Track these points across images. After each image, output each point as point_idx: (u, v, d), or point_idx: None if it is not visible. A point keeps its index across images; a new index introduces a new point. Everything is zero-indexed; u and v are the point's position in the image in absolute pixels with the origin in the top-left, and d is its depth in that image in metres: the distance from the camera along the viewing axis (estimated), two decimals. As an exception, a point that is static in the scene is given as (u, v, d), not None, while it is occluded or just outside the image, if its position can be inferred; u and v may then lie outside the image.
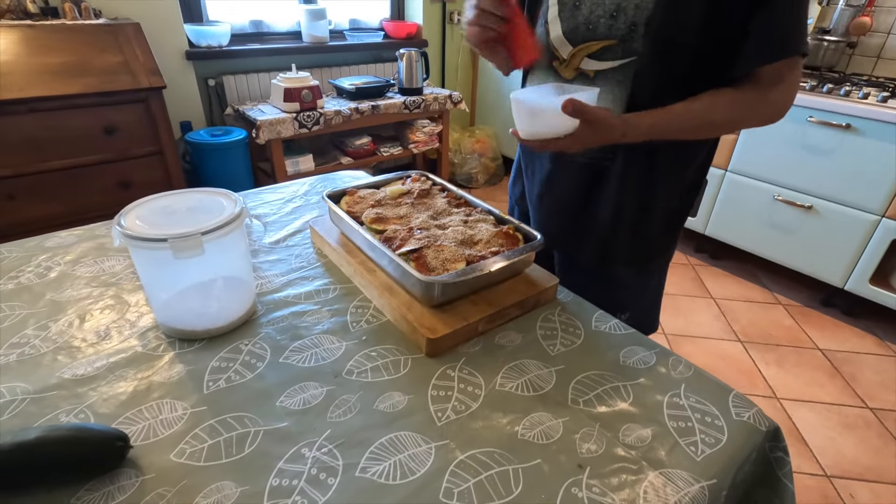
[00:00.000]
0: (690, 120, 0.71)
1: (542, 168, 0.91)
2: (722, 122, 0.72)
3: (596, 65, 0.77)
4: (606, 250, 0.90)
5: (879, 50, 2.25)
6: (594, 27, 0.74)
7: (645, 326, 0.93)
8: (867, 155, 1.87)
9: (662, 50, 0.71)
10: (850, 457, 1.49)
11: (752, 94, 0.70)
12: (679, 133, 0.73)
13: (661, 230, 0.90)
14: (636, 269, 0.93)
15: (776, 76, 0.69)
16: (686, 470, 0.52)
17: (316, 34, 2.56)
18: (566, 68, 0.80)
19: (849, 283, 2.04)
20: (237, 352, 0.65)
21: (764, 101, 0.70)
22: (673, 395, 0.61)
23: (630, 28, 0.71)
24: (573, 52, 0.78)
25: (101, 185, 1.79)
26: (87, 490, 0.47)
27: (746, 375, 1.80)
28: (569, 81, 0.81)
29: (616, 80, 0.76)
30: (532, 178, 0.96)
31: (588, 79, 0.79)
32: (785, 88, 0.70)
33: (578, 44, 0.77)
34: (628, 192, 0.84)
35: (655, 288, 0.99)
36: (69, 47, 1.71)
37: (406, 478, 0.50)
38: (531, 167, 0.96)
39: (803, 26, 0.67)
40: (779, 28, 0.66)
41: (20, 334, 0.67)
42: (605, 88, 0.77)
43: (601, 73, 0.77)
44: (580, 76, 0.79)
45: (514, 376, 0.63)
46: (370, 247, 0.76)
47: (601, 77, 0.77)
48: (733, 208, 2.31)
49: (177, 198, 0.68)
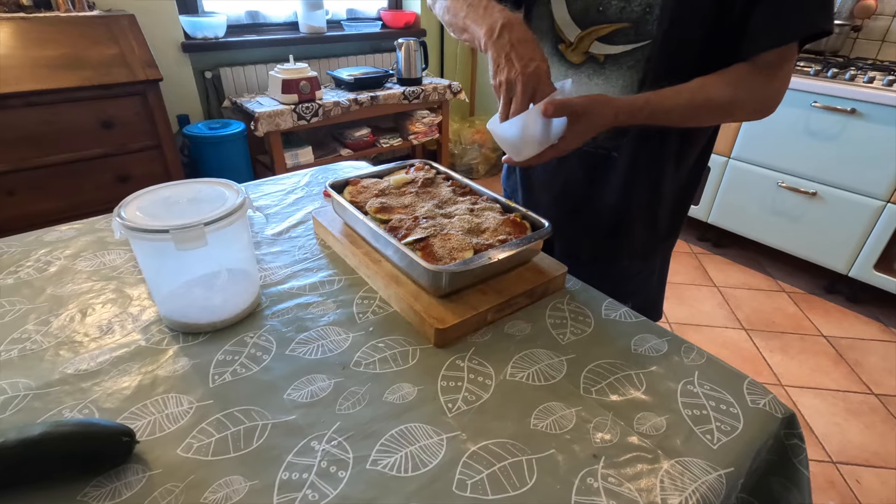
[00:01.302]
0: (687, 97, 0.67)
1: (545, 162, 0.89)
2: (720, 101, 0.67)
3: (607, 49, 0.74)
4: (613, 240, 0.89)
5: (884, 33, 2.22)
6: (605, 9, 0.72)
7: (649, 315, 0.90)
8: (872, 140, 1.85)
9: (677, 33, 0.69)
10: (855, 442, 1.49)
11: (755, 76, 0.67)
12: (676, 112, 0.68)
13: (666, 217, 0.88)
14: (642, 258, 0.92)
15: (780, 60, 0.66)
16: (702, 458, 0.51)
17: (313, 24, 2.53)
18: (574, 52, 0.78)
19: (853, 270, 2.03)
20: (242, 345, 0.64)
21: (764, 86, 0.68)
22: (686, 383, 0.60)
23: (645, 10, 0.69)
24: (581, 35, 0.76)
25: (99, 180, 1.77)
26: (93, 486, 0.46)
27: (751, 363, 1.79)
28: (577, 66, 0.78)
29: (628, 64, 0.74)
30: (530, 171, 0.93)
31: (598, 63, 0.76)
32: (784, 76, 0.68)
33: (587, 27, 0.75)
34: (637, 180, 0.82)
35: (659, 276, 0.98)
36: (63, 40, 1.68)
37: (418, 470, 0.49)
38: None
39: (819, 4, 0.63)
40: (786, 11, 0.63)
41: (21, 330, 0.66)
42: (616, 74, 0.75)
43: (612, 58, 0.74)
44: (590, 60, 0.77)
45: (525, 366, 0.62)
46: (375, 237, 0.75)
47: (612, 61, 0.75)
48: (736, 196, 2.30)
49: (178, 188, 0.67)
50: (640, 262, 0.92)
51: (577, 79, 0.79)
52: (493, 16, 0.66)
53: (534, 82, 0.62)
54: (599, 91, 0.77)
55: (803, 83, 1.94)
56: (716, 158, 2.31)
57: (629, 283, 0.92)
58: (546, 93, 0.63)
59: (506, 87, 0.64)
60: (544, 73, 0.63)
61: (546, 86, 0.63)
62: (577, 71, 0.79)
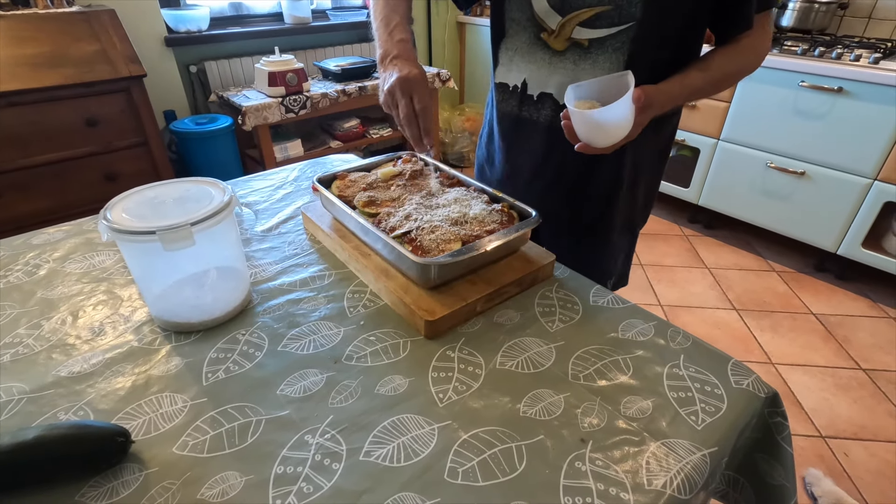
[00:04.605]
0: (708, 80, 0.75)
1: (533, 150, 0.90)
2: (733, 75, 0.78)
3: (589, 33, 0.75)
4: (601, 220, 0.92)
5: (871, 10, 2.22)
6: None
7: (621, 284, 1.05)
8: (859, 118, 1.86)
9: (660, 13, 0.70)
10: (844, 417, 1.53)
11: (753, 44, 0.76)
12: (704, 90, 0.76)
13: (644, 195, 0.94)
14: (624, 235, 0.97)
15: (765, 24, 0.75)
16: (687, 439, 0.52)
17: (298, 15, 2.50)
18: (556, 39, 0.78)
19: (841, 248, 2.05)
20: (234, 342, 0.64)
21: (759, 49, 0.77)
22: (672, 366, 0.61)
23: None
24: (562, 21, 0.76)
25: (87, 179, 1.75)
26: (90, 486, 0.47)
27: (742, 342, 1.82)
28: (560, 53, 0.78)
29: (613, 47, 0.74)
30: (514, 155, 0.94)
31: (582, 49, 0.77)
32: (768, 35, 0.78)
33: (568, 12, 0.75)
34: (625, 162, 0.85)
35: (628, 252, 1.04)
36: (43, 37, 1.65)
37: (410, 459, 0.50)
38: (516, 147, 0.93)
39: None
40: None
41: (13, 334, 0.66)
42: (602, 57, 0.76)
43: (596, 42, 0.75)
44: (573, 46, 0.77)
45: (514, 354, 0.63)
46: (364, 231, 0.75)
47: (596, 45, 0.75)
48: (726, 177, 2.31)
49: (164, 188, 0.67)
50: (622, 238, 0.97)
51: (561, 64, 0.80)
52: (391, 44, 0.76)
53: (409, 86, 0.71)
54: (588, 76, 0.77)
55: (791, 63, 1.94)
56: (705, 140, 2.31)
57: (610, 260, 0.98)
58: (422, 94, 0.71)
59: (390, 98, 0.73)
60: (418, 76, 0.71)
61: (422, 87, 0.71)
62: (562, 58, 0.79)
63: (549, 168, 0.90)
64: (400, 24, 0.77)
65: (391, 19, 0.78)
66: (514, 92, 0.87)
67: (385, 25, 0.78)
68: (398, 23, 0.77)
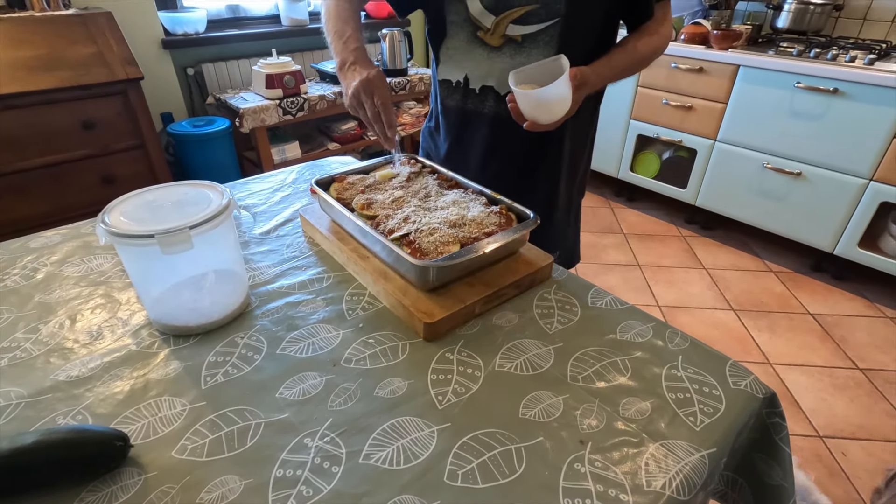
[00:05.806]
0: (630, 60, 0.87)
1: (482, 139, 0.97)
2: (648, 56, 0.90)
3: (521, 29, 0.84)
4: (551, 198, 1.01)
5: (865, 11, 2.24)
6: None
7: (573, 260, 1.14)
8: (855, 119, 1.87)
9: (580, 8, 0.82)
10: (841, 416, 1.53)
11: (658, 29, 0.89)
12: (627, 70, 0.88)
13: (583, 170, 1.07)
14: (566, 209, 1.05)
15: (665, 13, 0.89)
16: (686, 440, 0.52)
17: (295, 17, 2.50)
18: (493, 37, 0.86)
19: (838, 248, 2.06)
20: (233, 345, 0.64)
21: (664, 34, 0.90)
22: (671, 368, 0.61)
23: None
24: (497, 20, 0.84)
25: (84, 182, 1.75)
26: (89, 491, 0.47)
27: (740, 343, 1.83)
28: (497, 49, 0.87)
29: (543, 41, 0.84)
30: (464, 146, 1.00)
31: (516, 44, 0.85)
32: (669, 21, 0.91)
33: (501, 12, 0.84)
34: (573, 140, 0.96)
35: (574, 227, 1.12)
36: (40, 40, 1.65)
37: (410, 462, 0.50)
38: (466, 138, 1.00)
39: None
40: None
41: (10, 338, 0.66)
42: (535, 50, 0.85)
43: (528, 37, 0.84)
44: (508, 42, 0.86)
45: (513, 356, 0.63)
46: (362, 233, 0.75)
47: (529, 40, 0.85)
48: (723, 178, 2.32)
49: (162, 192, 0.67)
50: (565, 212, 1.05)
51: (499, 59, 0.88)
52: (347, 52, 0.83)
53: (371, 86, 0.77)
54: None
55: (787, 64, 1.96)
56: (702, 141, 2.32)
57: (557, 234, 1.05)
58: (383, 92, 0.78)
59: (356, 101, 0.79)
60: (378, 77, 0.78)
61: (382, 86, 0.78)
62: (499, 52, 0.87)
63: (496, 156, 0.97)
64: (352, 35, 0.85)
65: (344, 31, 0.85)
66: (457, 87, 0.96)
67: (339, 37, 0.85)
68: (350, 34, 0.84)
